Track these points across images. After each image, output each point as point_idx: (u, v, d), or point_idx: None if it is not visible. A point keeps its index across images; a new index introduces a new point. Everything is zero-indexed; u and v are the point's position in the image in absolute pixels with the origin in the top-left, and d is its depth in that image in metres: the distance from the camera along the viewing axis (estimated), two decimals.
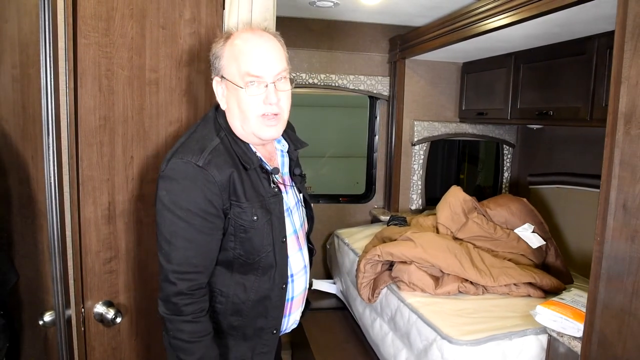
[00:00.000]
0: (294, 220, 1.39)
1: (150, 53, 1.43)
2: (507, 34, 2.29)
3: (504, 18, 2.09)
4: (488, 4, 2.18)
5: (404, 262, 2.32)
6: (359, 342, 2.73)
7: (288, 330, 1.45)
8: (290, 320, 1.42)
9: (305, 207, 1.49)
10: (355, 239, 3.04)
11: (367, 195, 3.65)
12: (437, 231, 2.70)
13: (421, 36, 2.94)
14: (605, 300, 1.28)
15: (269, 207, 1.28)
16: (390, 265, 2.44)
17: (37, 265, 1.43)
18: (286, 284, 1.34)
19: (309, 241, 1.50)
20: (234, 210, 1.22)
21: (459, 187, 2.83)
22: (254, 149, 1.31)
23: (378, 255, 2.37)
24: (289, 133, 1.45)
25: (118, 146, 1.40)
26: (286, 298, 1.36)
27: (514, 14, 2.02)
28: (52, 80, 1.18)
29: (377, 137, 3.56)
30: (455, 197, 2.74)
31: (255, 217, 1.24)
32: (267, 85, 1.22)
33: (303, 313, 1.48)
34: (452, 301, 2.17)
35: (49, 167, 1.19)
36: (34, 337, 1.51)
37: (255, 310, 1.31)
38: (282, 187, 1.35)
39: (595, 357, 1.32)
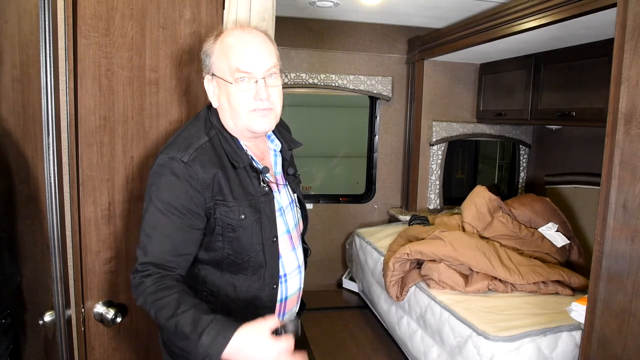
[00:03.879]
0: (287, 220, 1.38)
1: (150, 53, 1.43)
2: (531, 36, 2.31)
3: (538, 19, 2.10)
4: (520, 4, 2.19)
5: (433, 261, 2.35)
6: (377, 340, 2.75)
7: None
8: (284, 320, 1.41)
9: (300, 208, 1.49)
10: (377, 238, 3.07)
11: (367, 195, 3.65)
12: (463, 230, 2.74)
13: (442, 37, 2.96)
14: (606, 299, 1.28)
15: (259, 206, 1.27)
16: (418, 263, 2.47)
17: (37, 265, 1.43)
18: (277, 284, 1.33)
19: (303, 241, 1.50)
20: (220, 209, 1.22)
21: (484, 187, 2.86)
22: (245, 148, 1.31)
23: (407, 254, 2.41)
24: (283, 133, 1.44)
25: (118, 146, 1.40)
26: (279, 298, 1.35)
27: (546, 16, 2.04)
28: (52, 80, 1.18)
29: (377, 137, 3.56)
30: (480, 197, 2.78)
31: (242, 216, 1.24)
32: (257, 81, 1.23)
33: (298, 314, 1.48)
34: (482, 298, 2.20)
35: (49, 167, 1.19)
36: (34, 337, 1.51)
37: (245, 310, 1.30)
38: (273, 186, 1.34)
39: (595, 356, 1.32)
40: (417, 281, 2.41)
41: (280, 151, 1.43)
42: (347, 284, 3.49)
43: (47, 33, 1.15)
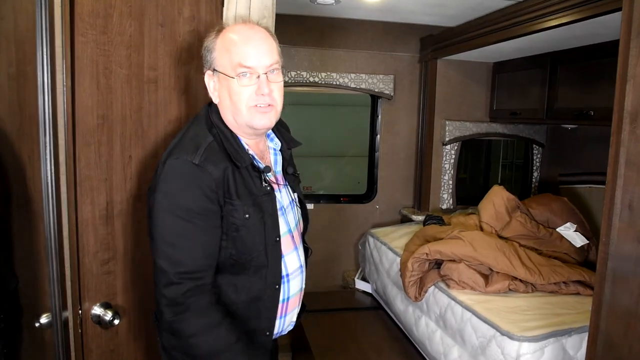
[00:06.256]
0: (289, 220, 1.37)
1: (149, 51, 1.41)
2: (548, 35, 2.28)
3: (557, 18, 2.07)
4: (539, 3, 2.16)
5: (453, 261, 2.34)
6: (393, 341, 2.73)
7: (284, 333, 1.43)
8: (286, 321, 1.40)
9: (300, 207, 1.47)
10: (391, 238, 3.06)
11: (368, 195, 3.63)
12: (481, 230, 2.72)
13: (457, 36, 2.94)
14: (611, 301, 1.26)
15: (262, 205, 1.26)
16: (436, 263, 2.46)
17: (34, 266, 1.41)
18: (279, 284, 1.32)
19: (304, 241, 1.48)
20: (227, 207, 1.21)
21: (501, 187, 2.83)
22: (246, 147, 1.29)
23: (426, 254, 2.40)
24: (282, 132, 1.44)
25: (116, 145, 1.38)
26: (281, 299, 1.33)
27: (565, 15, 2.01)
28: (49, 78, 1.16)
29: (378, 136, 3.54)
30: (499, 196, 2.76)
31: (247, 215, 1.23)
32: (258, 77, 1.22)
33: (299, 315, 1.46)
34: (503, 299, 2.19)
35: (46, 167, 1.17)
36: (31, 340, 1.50)
37: (247, 312, 1.29)
38: (274, 185, 1.33)
39: (600, 359, 1.31)
40: (436, 281, 2.40)
41: (280, 150, 1.42)
42: (360, 284, 3.45)
43: (43, 30, 1.13)
